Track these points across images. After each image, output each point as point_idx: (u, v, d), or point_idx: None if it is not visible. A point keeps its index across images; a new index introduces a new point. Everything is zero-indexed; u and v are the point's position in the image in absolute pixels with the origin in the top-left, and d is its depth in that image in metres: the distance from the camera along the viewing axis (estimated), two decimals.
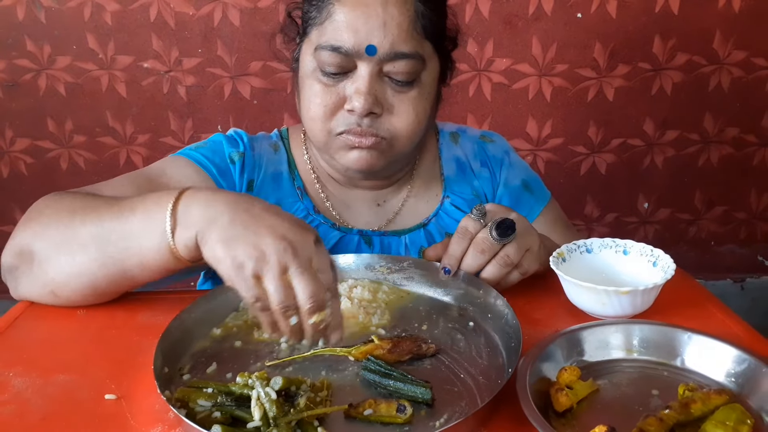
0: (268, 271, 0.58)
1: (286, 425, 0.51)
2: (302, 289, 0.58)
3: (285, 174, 0.94)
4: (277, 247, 0.58)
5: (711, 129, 1.91)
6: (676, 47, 1.79)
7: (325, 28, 0.79)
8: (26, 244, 0.71)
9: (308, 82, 0.82)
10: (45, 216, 0.72)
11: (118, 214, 0.67)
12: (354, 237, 0.92)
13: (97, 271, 0.68)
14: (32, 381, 0.62)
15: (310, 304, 0.58)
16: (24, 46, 1.75)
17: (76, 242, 0.68)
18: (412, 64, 0.79)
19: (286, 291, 0.58)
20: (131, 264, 0.67)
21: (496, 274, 0.73)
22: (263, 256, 0.58)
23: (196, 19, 1.74)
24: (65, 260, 0.69)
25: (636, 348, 0.63)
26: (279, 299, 0.58)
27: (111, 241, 0.67)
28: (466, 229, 0.74)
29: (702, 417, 0.53)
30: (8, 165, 1.88)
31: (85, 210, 0.70)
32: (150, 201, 0.66)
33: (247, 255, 0.58)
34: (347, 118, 0.81)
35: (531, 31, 1.77)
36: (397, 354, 0.63)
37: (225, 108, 1.83)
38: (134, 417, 0.56)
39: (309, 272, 0.59)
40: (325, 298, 0.59)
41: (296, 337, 0.61)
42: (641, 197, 1.99)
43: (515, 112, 1.86)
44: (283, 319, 0.59)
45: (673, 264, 0.73)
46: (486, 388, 0.59)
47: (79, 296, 0.72)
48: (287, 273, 0.58)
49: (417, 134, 0.84)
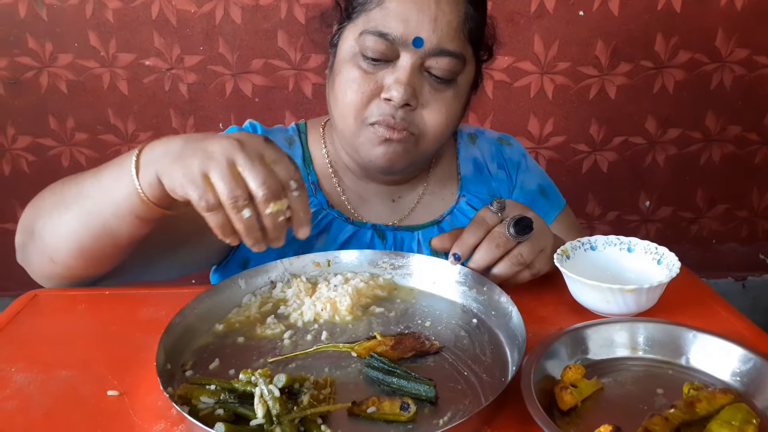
0: (215, 166, 0.57)
1: (290, 423, 0.51)
2: (252, 178, 0.57)
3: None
4: (222, 144, 0.58)
5: (713, 127, 1.90)
6: (679, 45, 1.79)
7: (374, 14, 0.80)
8: (28, 219, 0.75)
9: (346, 66, 0.82)
10: (44, 195, 0.76)
11: (96, 172, 0.70)
12: (368, 231, 0.93)
13: (80, 228, 0.70)
14: (35, 376, 0.62)
15: (263, 191, 0.57)
16: (26, 44, 1.74)
17: (62, 205, 0.71)
18: (454, 63, 0.80)
19: (235, 181, 0.57)
20: (107, 215, 0.68)
21: (506, 271, 0.73)
22: (209, 155, 0.58)
23: (198, 16, 1.73)
24: (55, 223, 0.71)
25: (641, 346, 0.63)
26: (226, 189, 0.57)
27: (89, 195, 0.69)
28: (483, 220, 0.74)
29: (707, 416, 0.52)
30: (10, 162, 1.88)
31: (74, 178, 0.73)
32: (123, 156, 0.68)
33: (195, 161, 0.59)
34: (382, 107, 0.80)
35: (533, 29, 1.77)
36: (400, 351, 0.63)
37: (226, 105, 1.83)
38: (137, 413, 0.56)
39: (259, 161, 0.58)
40: (279, 187, 0.58)
41: (254, 236, 0.60)
42: (643, 195, 1.99)
43: (517, 110, 1.86)
44: (235, 213, 0.58)
45: (678, 262, 0.73)
46: (490, 386, 0.58)
47: (71, 260, 0.73)
48: (236, 166, 0.58)
49: (444, 135, 0.85)
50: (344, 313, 0.71)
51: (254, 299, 0.74)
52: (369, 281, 0.77)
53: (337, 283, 0.76)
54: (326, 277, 0.78)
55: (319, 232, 0.91)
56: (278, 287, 0.76)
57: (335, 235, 0.91)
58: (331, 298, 0.72)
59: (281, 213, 0.59)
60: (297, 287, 0.75)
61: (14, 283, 1.89)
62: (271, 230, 0.60)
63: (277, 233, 0.61)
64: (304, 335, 0.68)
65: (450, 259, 0.74)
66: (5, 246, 1.96)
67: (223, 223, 0.60)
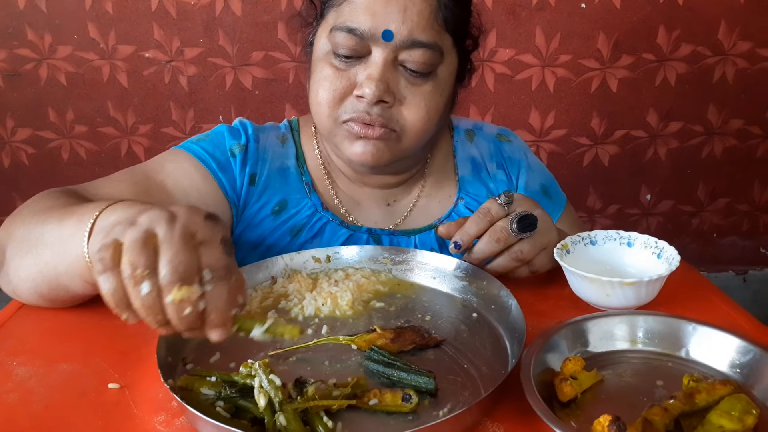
0: (131, 232, 0.48)
1: (293, 412, 0.51)
2: (163, 253, 0.47)
3: (292, 169, 0.90)
4: (153, 214, 0.49)
5: (715, 121, 1.90)
6: (681, 38, 1.78)
7: (343, 9, 0.77)
8: (1, 241, 0.71)
9: (320, 65, 0.80)
10: (21, 215, 0.71)
11: (61, 217, 0.64)
12: (363, 236, 0.90)
13: (37, 275, 0.66)
14: (36, 370, 0.62)
15: (167, 270, 0.46)
16: (25, 36, 1.74)
17: (27, 244, 0.66)
18: (429, 55, 0.76)
19: (142, 249, 0.46)
20: (61, 271, 0.63)
21: (504, 266, 0.73)
22: (133, 222, 0.49)
23: (198, 8, 1.73)
24: (18, 262, 0.68)
25: (640, 339, 0.63)
26: (127, 255, 0.47)
27: (47, 244, 0.64)
28: (488, 211, 0.73)
29: (707, 407, 0.52)
30: (9, 155, 1.88)
31: (48, 212, 0.67)
32: (89, 207, 0.62)
33: (117, 228, 0.49)
34: (355, 104, 0.77)
35: (534, 22, 1.76)
36: (400, 344, 0.63)
37: (226, 98, 1.82)
38: (137, 406, 0.56)
39: (181, 238, 0.47)
40: (191, 270, 0.47)
41: (155, 318, 0.48)
42: (644, 189, 1.99)
43: (518, 103, 1.85)
44: (132, 284, 0.46)
45: (677, 255, 0.73)
46: (490, 379, 0.59)
47: (33, 299, 0.71)
48: (154, 237, 0.48)
49: (426, 131, 0.81)
50: (345, 308, 0.71)
51: (255, 294, 0.74)
52: (370, 277, 0.77)
53: (338, 279, 0.76)
54: (327, 272, 0.78)
55: (313, 236, 0.88)
56: (279, 282, 0.76)
57: (329, 239, 0.89)
58: (332, 293, 0.73)
59: (189, 303, 0.47)
60: (298, 282, 0.75)
61: None
62: (174, 320, 0.48)
63: (182, 326, 0.48)
64: (305, 329, 0.68)
65: (451, 246, 0.74)
66: None
67: (115, 289, 0.47)
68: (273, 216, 0.88)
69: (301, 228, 0.88)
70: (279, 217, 0.88)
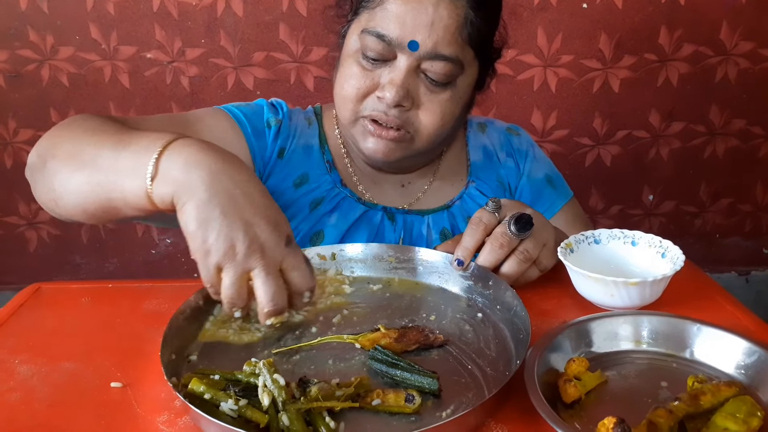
0: (231, 268, 0.60)
1: (296, 412, 0.51)
2: (263, 293, 0.60)
3: (316, 147, 0.96)
4: (246, 248, 0.59)
5: (717, 121, 1.89)
6: (683, 38, 1.78)
7: (375, 14, 0.82)
8: (44, 149, 0.73)
9: (348, 61, 0.85)
10: (69, 129, 0.74)
11: (116, 144, 0.67)
12: (378, 212, 0.94)
13: (88, 193, 0.68)
14: (38, 368, 0.62)
15: (270, 307, 0.61)
16: (27, 37, 1.74)
17: (78, 160, 0.68)
18: (450, 67, 0.81)
19: (238, 291, 0.61)
20: (116, 197, 0.66)
21: (516, 269, 0.73)
22: (231, 252, 0.59)
23: (200, 9, 1.73)
24: (66, 175, 0.69)
25: (645, 339, 0.63)
26: (228, 296, 0.61)
27: (103, 169, 0.66)
28: (480, 221, 0.74)
29: (712, 409, 0.52)
30: (11, 156, 1.88)
31: (99, 132, 0.70)
32: (144, 141, 0.65)
33: (217, 245, 0.59)
34: (376, 103, 0.83)
35: (536, 22, 1.76)
36: (404, 343, 0.63)
37: (228, 98, 1.82)
38: (140, 405, 0.56)
39: (273, 276, 0.60)
40: (285, 302, 0.62)
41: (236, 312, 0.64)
42: (646, 189, 1.98)
43: (520, 104, 1.85)
44: (228, 308, 0.62)
45: (682, 255, 0.72)
46: (494, 380, 0.58)
47: (74, 213, 0.71)
48: (249, 274, 0.60)
49: (439, 135, 0.86)
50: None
51: None
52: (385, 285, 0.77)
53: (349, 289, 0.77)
54: (338, 271, 0.79)
55: (332, 209, 0.93)
56: None
57: (346, 213, 0.93)
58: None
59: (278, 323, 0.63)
60: None
61: (17, 276, 1.90)
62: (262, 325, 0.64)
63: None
64: (309, 327, 0.68)
65: (453, 265, 0.74)
66: (8, 240, 1.97)
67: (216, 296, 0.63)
68: (294, 188, 0.93)
69: (320, 201, 0.93)
70: (300, 189, 0.93)
